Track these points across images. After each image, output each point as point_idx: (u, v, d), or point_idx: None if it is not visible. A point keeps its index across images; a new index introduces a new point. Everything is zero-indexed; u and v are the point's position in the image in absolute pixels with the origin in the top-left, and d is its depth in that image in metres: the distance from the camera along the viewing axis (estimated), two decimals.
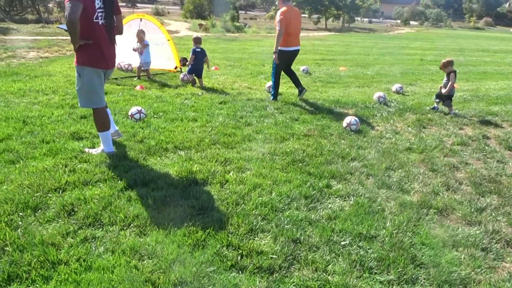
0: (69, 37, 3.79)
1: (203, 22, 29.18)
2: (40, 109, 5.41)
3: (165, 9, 45.60)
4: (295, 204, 3.30)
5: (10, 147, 4.02)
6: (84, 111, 5.37)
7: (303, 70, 10.29)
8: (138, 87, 7.09)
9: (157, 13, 39.75)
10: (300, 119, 5.76)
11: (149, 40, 8.23)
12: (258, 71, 10.01)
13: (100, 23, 3.73)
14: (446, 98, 6.58)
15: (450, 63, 6.62)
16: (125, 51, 8.51)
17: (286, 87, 8.13)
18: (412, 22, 64.23)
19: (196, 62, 7.64)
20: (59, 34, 16.56)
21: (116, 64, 8.64)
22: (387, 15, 78.66)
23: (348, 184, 3.76)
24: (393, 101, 7.18)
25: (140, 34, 7.89)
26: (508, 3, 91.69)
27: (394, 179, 3.91)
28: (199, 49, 7.67)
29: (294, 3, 41.19)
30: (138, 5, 50.13)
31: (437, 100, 6.75)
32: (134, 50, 8.05)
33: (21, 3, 24.24)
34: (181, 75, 8.16)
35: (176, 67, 9.11)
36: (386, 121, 6.00)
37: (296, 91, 7.14)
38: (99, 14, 3.71)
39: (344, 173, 3.97)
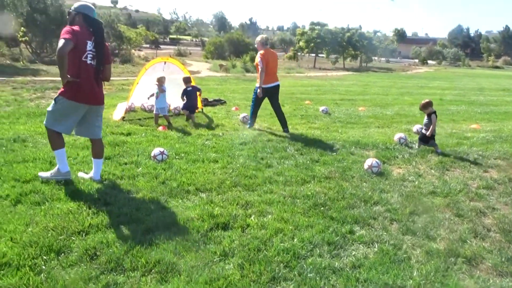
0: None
1: (223, 62, 30.03)
2: (66, 150, 5.53)
3: (187, 50, 47.31)
4: (318, 251, 3.23)
5: (36, 188, 4.11)
6: (109, 152, 5.49)
7: (323, 110, 10.36)
8: (160, 128, 7.25)
9: (180, 54, 41.23)
10: (320, 161, 5.75)
11: (173, 81, 8.49)
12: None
13: (88, 62, 4.14)
14: (430, 139, 6.59)
15: (429, 104, 6.74)
16: (148, 93, 8.80)
17: (306, 127, 8.18)
18: (430, 62, 64.59)
19: (189, 100, 8.21)
20: None
21: (139, 105, 8.93)
22: (404, 54, 79.52)
23: (371, 229, 3.68)
24: (414, 142, 7.11)
25: (161, 79, 7.77)
26: None
27: (419, 225, 3.81)
28: (190, 88, 8.25)
29: (312, 44, 42.22)
30: (161, 46, 52.15)
31: (422, 143, 6.74)
32: (149, 97, 8.16)
33: (51, 45, 25.51)
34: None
35: (197, 108, 9.30)
36: (408, 163, 5.92)
37: (317, 132, 7.19)
38: (89, 55, 4.14)
39: (367, 218, 3.89)
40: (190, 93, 8.20)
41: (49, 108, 4.25)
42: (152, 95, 7.93)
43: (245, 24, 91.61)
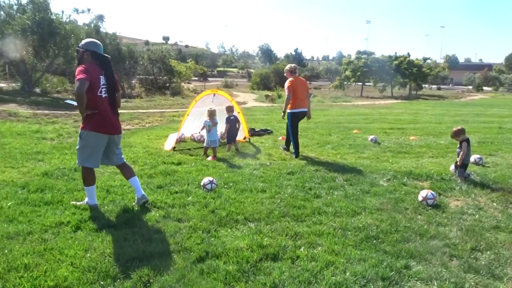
0: (148, 110, 4.27)
1: (269, 93, 30.49)
2: (121, 178, 5.79)
3: (234, 81, 48.64)
4: (372, 286, 3.10)
5: (94, 215, 4.32)
6: (160, 181, 5.68)
7: (372, 139, 10.14)
8: (209, 158, 7.42)
9: (226, 86, 42.48)
10: (371, 192, 5.59)
11: (222, 112, 8.72)
12: (325, 140, 10.05)
13: (103, 96, 4.43)
14: (460, 167, 6.31)
15: (461, 132, 6.50)
16: (197, 124, 9.09)
17: (355, 157, 8.03)
18: (485, 88, 61.79)
19: (231, 128, 8.37)
20: (140, 108, 18.18)
21: (189, 135, 9.22)
22: (456, 81, 76.76)
23: (429, 265, 3.48)
24: (472, 173, 6.74)
25: (213, 112, 7.85)
26: None
27: (483, 262, 3.55)
28: (232, 117, 8.44)
29: (359, 73, 41.94)
30: (209, 79, 54.03)
31: (455, 170, 6.48)
32: (201, 130, 8.28)
33: None
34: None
35: (244, 138, 9.46)
36: (467, 195, 5.60)
37: (366, 161, 7.04)
38: (103, 89, 4.43)
39: (423, 253, 3.70)
40: (231, 122, 8.43)
41: (78, 146, 4.53)
42: (203, 128, 7.98)
43: (290, 54, 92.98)
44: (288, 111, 7.92)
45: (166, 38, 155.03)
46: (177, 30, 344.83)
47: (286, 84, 7.92)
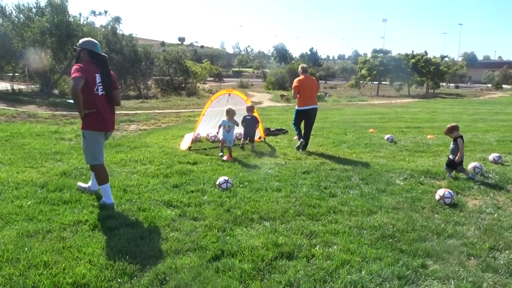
0: (163, 111, 4.35)
1: (284, 92, 30.45)
2: (138, 178, 5.91)
3: (249, 81, 48.70)
4: (388, 285, 3.08)
5: (111, 214, 4.39)
6: (176, 181, 5.75)
7: (388, 138, 10.04)
8: (225, 157, 7.46)
9: (242, 86, 42.57)
10: (387, 191, 5.53)
11: (237, 112, 8.77)
12: (340, 140, 9.99)
13: (99, 94, 4.55)
14: (457, 165, 6.29)
15: (455, 128, 6.50)
16: (213, 124, 9.15)
17: (371, 156, 7.96)
18: (505, 86, 60.41)
19: (248, 127, 8.57)
20: (156, 108, 18.38)
21: (205, 135, 9.29)
22: (475, 79, 75.27)
23: (446, 265, 3.44)
24: (491, 172, 6.61)
25: (231, 113, 7.81)
26: None
27: (501, 262, 3.49)
28: (249, 117, 8.61)
29: (375, 71, 41.52)
30: (224, 79, 54.24)
31: (449, 169, 6.39)
32: (218, 131, 8.17)
33: (125, 82, 27.65)
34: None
35: (260, 137, 9.47)
36: (485, 194, 5.50)
37: (382, 160, 6.98)
38: (99, 87, 4.55)
39: (441, 252, 3.65)
40: (248, 122, 8.58)
41: (84, 147, 4.71)
42: (220, 127, 7.89)
43: (306, 54, 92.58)
44: (296, 108, 8.56)
45: (181, 39, 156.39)
46: (193, 31, 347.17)
47: (293, 83, 8.41)
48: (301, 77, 8.35)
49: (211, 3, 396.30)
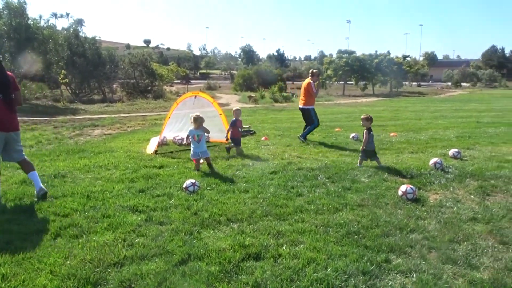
0: (129, 114, 4.27)
1: (252, 94, 30.53)
2: (102, 184, 5.76)
3: (217, 83, 48.45)
4: (353, 281, 3.14)
5: (74, 222, 4.26)
6: (142, 185, 5.64)
7: (353, 137, 10.27)
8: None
9: (209, 88, 42.30)
10: (352, 188, 5.65)
11: (204, 114, 8.67)
12: (307, 139, 10.10)
13: None
14: (362, 152, 7.02)
15: (370, 119, 7.03)
16: (179, 127, 9.05)
17: (337, 155, 8.10)
18: (463, 84, 63.06)
19: (235, 133, 8.35)
20: (121, 112, 18.00)
21: (171, 138, 9.17)
22: (436, 78, 78.14)
23: (408, 258, 3.55)
24: (451, 166, 6.88)
25: (198, 121, 6.89)
26: None
27: (460, 253, 3.64)
28: (234, 119, 8.34)
29: (340, 72, 42.38)
30: (192, 81, 53.77)
31: (364, 157, 7.05)
32: (186, 142, 7.47)
33: (89, 86, 26.91)
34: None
35: (227, 139, 9.45)
36: (445, 188, 5.72)
37: (348, 159, 7.18)
38: None
39: (403, 246, 3.76)
40: (233, 125, 8.31)
41: None
42: (188, 137, 7.03)
43: (273, 55, 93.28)
44: None
45: (147, 41, 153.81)
46: (159, 33, 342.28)
47: None
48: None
49: (176, 5, 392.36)
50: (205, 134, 7.13)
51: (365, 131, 7.00)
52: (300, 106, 10.22)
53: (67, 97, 24.22)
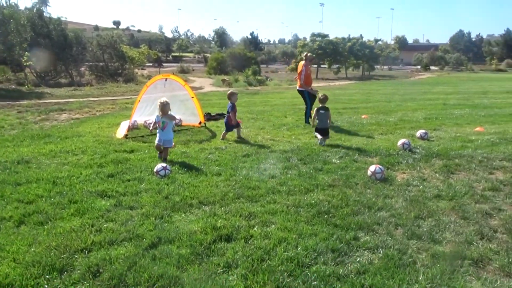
0: (99, 98, 4.11)
1: (226, 77, 30.23)
2: (69, 169, 5.60)
3: (190, 67, 47.67)
4: (322, 259, 3.20)
5: (39, 208, 4.14)
6: (112, 170, 5.53)
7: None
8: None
9: (182, 71, 41.54)
10: (324, 169, 5.72)
11: (175, 98, 8.52)
12: (280, 123, 10.14)
13: None
14: (323, 132, 7.66)
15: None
16: (150, 111, 8.87)
17: (309, 137, 8.17)
18: (432, 67, 64.54)
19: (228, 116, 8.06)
20: (90, 96, 17.47)
21: (142, 122, 8.98)
22: (406, 61, 79.53)
23: (376, 235, 3.64)
24: (418, 147, 7.07)
25: (165, 108, 6.31)
26: None
27: (425, 229, 3.77)
28: (230, 104, 8.02)
29: (314, 55, 42.47)
30: (164, 64, 52.68)
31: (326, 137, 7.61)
32: (152, 128, 7.04)
33: (55, 69, 25.90)
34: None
35: (200, 122, 9.36)
36: (412, 168, 5.88)
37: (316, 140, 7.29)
38: None
39: (371, 224, 3.86)
40: (233, 109, 7.93)
41: None
42: (155, 124, 6.56)
43: (247, 38, 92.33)
44: None
45: (116, 23, 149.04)
46: (129, 15, 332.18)
47: None
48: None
49: None
50: (172, 122, 6.61)
51: (315, 109, 7.75)
52: (298, 88, 10.52)
53: (32, 80, 23.22)
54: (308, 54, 10.56)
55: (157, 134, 6.42)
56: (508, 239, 3.59)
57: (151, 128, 7.26)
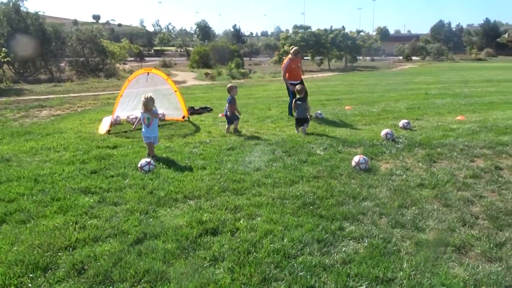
0: (80, 94, 4.02)
1: (209, 71, 30.02)
2: (51, 166, 5.50)
3: (172, 60, 47.15)
4: (308, 249, 3.23)
5: (21, 206, 4.06)
6: (95, 166, 5.45)
7: (316, 115, 10.38)
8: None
9: (165, 65, 41.06)
10: (308, 161, 5.75)
11: (158, 92, 8.41)
12: (264, 115, 10.14)
13: None
14: (300, 122, 7.85)
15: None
16: (132, 106, 8.76)
17: (293, 129, 8.19)
18: (414, 58, 65.29)
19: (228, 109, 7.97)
20: (71, 92, 17.15)
21: (125, 118, 8.87)
22: (388, 52, 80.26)
23: (361, 225, 3.69)
24: (401, 137, 7.16)
25: (148, 103, 5.98)
26: (507, 34, 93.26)
27: (408, 217, 3.83)
28: (229, 97, 7.93)
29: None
30: (146, 58, 52.02)
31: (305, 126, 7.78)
32: (135, 128, 7.08)
33: (34, 65, 25.30)
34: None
35: (183, 116, 9.28)
36: (396, 157, 5.96)
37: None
38: None
39: (356, 214, 3.90)
40: (232, 102, 7.84)
41: None
42: (139, 121, 6.34)
43: (229, 31, 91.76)
44: None
45: (96, 17, 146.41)
46: (109, 8, 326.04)
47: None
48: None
49: None
50: (156, 119, 6.28)
51: (299, 101, 7.77)
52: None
53: (11, 77, 22.63)
54: (294, 48, 10.47)
55: (143, 131, 6.10)
56: (489, 225, 3.67)
57: (134, 126, 7.09)
